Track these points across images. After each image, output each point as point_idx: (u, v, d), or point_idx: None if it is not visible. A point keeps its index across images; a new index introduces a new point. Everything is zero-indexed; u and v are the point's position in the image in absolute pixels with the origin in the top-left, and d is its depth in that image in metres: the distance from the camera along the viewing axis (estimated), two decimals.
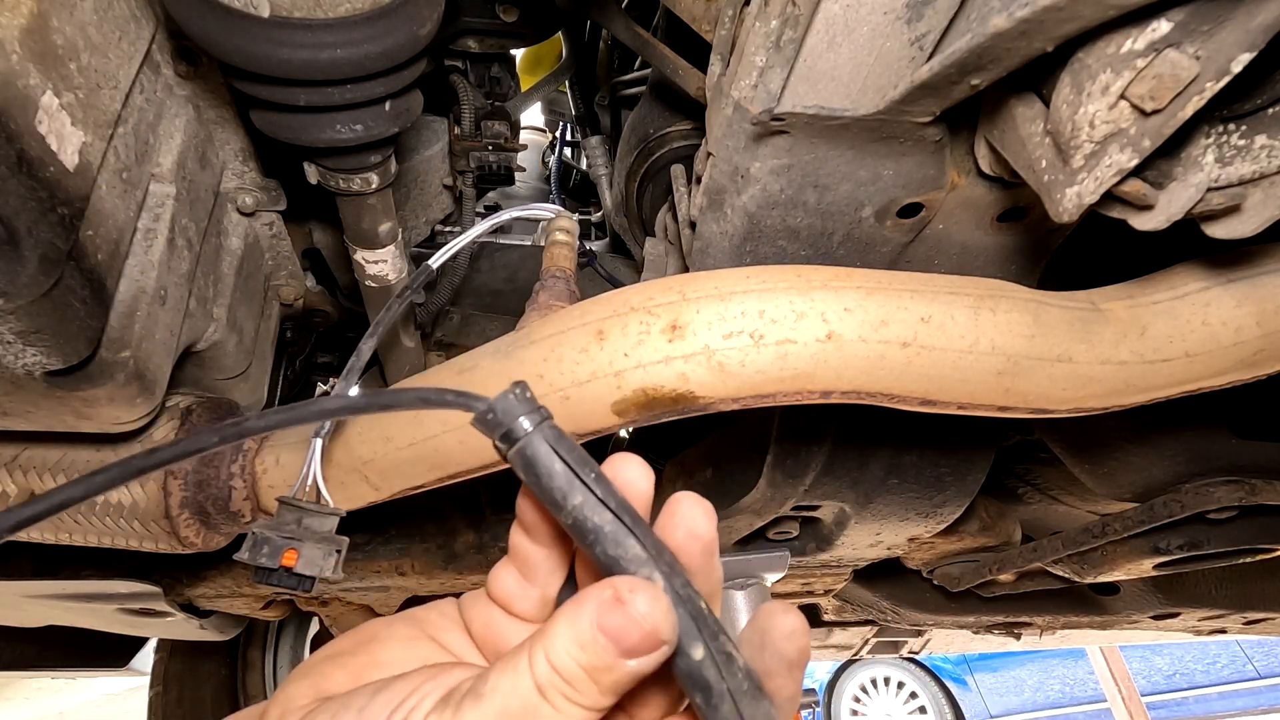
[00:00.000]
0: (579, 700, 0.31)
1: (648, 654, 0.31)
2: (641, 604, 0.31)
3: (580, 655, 0.31)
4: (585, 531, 0.33)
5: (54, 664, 1.49)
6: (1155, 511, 0.89)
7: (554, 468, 0.34)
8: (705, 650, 0.32)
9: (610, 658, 0.31)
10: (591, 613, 0.31)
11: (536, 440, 0.34)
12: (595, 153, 1.47)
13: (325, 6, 0.63)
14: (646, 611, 0.31)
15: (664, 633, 0.31)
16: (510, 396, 0.34)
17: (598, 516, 0.33)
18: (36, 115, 0.50)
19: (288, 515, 0.65)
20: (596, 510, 0.33)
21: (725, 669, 0.32)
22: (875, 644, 2.00)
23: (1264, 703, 5.31)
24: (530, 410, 0.34)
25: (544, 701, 0.31)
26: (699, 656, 0.32)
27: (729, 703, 0.32)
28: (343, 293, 1.16)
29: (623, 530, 0.33)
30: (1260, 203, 0.47)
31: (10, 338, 0.53)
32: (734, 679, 0.32)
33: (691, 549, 0.35)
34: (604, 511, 0.33)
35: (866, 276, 0.57)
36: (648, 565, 0.33)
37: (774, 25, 0.53)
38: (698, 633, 0.32)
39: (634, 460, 0.37)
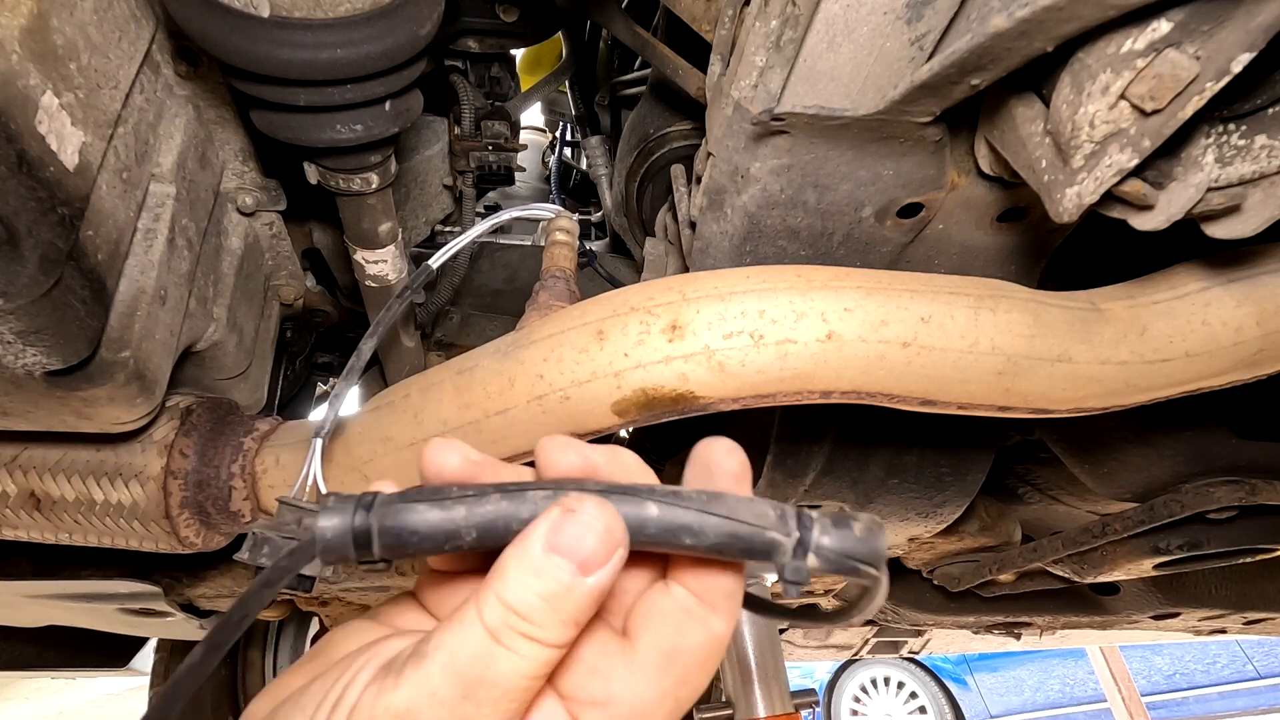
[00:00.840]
0: (539, 635, 0.29)
1: (606, 561, 0.30)
2: (591, 508, 0.30)
3: (537, 584, 0.29)
4: (491, 527, 0.32)
5: (54, 664, 1.49)
6: (1155, 511, 0.89)
7: (418, 511, 0.32)
8: (656, 505, 0.32)
9: (569, 576, 0.29)
10: (541, 536, 0.30)
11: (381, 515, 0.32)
12: (595, 153, 1.47)
13: (325, 6, 0.63)
14: (596, 512, 0.30)
15: (617, 531, 0.30)
16: (326, 509, 0.33)
17: (486, 506, 0.32)
18: (36, 115, 0.50)
19: (288, 515, 0.65)
20: (480, 503, 0.32)
21: (682, 503, 0.32)
22: (875, 644, 2.01)
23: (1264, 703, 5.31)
24: (353, 504, 0.32)
25: (498, 646, 0.29)
26: (656, 512, 0.32)
27: (709, 518, 0.32)
28: (343, 293, 1.16)
29: (514, 494, 0.32)
30: (1260, 203, 0.47)
31: (10, 338, 0.53)
32: (694, 501, 0.32)
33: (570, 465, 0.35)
34: (487, 498, 0.32)
35: (866, 276, 0.57)
36: (559, 492, 0.32)
37: (774, 25, 0.53)
38: (640, 498, 0.32)
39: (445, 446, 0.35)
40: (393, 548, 0.32)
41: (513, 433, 0.61)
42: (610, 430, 0.61)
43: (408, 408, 0.66)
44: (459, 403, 0.62)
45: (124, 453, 0.75)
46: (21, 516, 0.75)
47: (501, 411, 0.60)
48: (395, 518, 0.32)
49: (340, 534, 0.32)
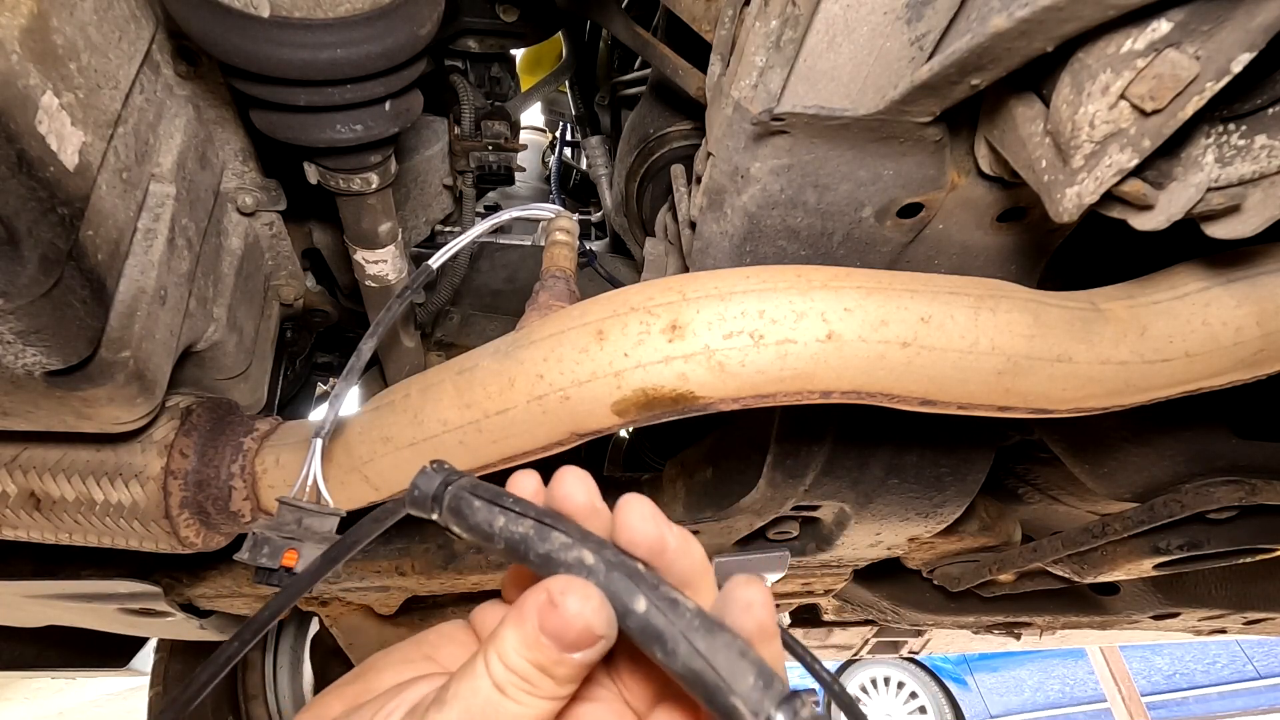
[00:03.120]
0: (538, 692, 0.34)
1: (591, 645, 0.33)
2: (573, 603, 0.33)
3: (529, 654, 0.33)
4: (515, 546, 0.36)
5: (54, 664, 1.49)
6: (1155, 511, 0.89)
7: (474, 506, 0.37)
8: (647, 601, 0.33)
9: (555, 653, 0.33)
10: (532, 616, 0.34)
11: (454, 494, 0.37)
12: (595, 153, 1.47)
13: (325, 6, 0.63)
14: (578, 610, 0.33)
15: (598, 627, 0.33)
16: (422, 475, 0.38)
17: (519, 527, 0.36)
18: (36, 115, 0.50)
19: (288, 515, 0.65)
20: (518, 521, 0.36)
21: (671, 613, 0.33)
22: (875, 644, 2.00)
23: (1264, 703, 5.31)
24: (445, 475, 0.38)
25: (505, 698, 0.33)
26: (642, 608, 0.33)
27: (684, 643, 0.32)
28: (343, 293, 1.16)
29: (543, 529, 0.35)
30: (1260, 203, 0.47)
31: (10, 338, 0.53)
32: (683, 619, 0.32)
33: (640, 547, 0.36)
34: (524, 520, 0.36)
35: (866, 276, 0.57)
36: (575, 548, 0.35)
37: (774, 25, 0.53)
38: (636, 589, 0.33)
39: (570, 472, 0.39)
40: (447, 522, 0.38)
41: (513, 432, 0.61)
42: (610, 430, 0.61)
43: (408, 408, 0.66)
44: (459, 403, 0.62)
45: (124, 453, 0.75)
46: (21, 516, 0.75)
47: (502, 411, 0.60)
48: (457, 500, 0.37)
49: (424, 496, 0.38)
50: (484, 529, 0.36)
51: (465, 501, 0.37)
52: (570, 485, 0.38)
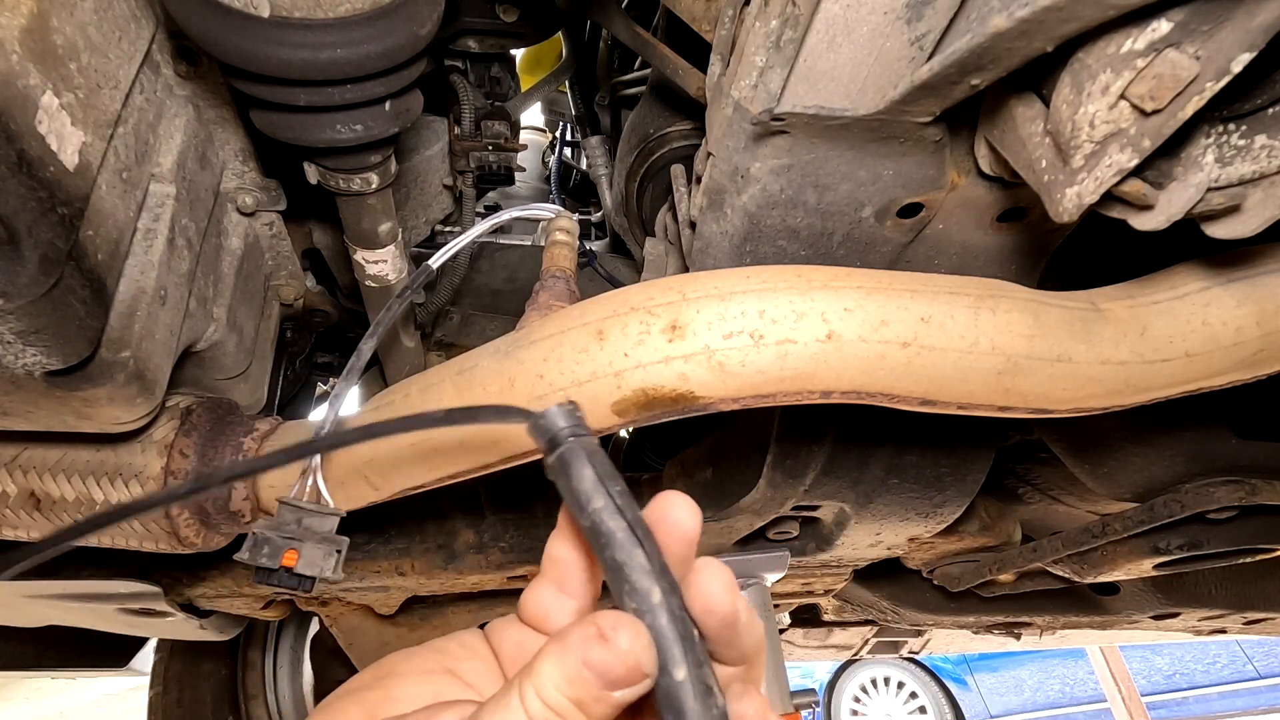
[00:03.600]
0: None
1: (632, 685, 0.32)
2: (624, 639, 0.32)
3: (569, 690, 0.32)
4: (599, 535, 0.35)
5: (54, 664, 1.49)
6: (1155, 511, 0.89)
7: (584, 473, 0.36)
8: (687, 675, 0.33)
9: (596, 690, 0.32)
10: (578, 649, 0.33)
11: (576, 448, 0.37)
12: (595, 153, 1.47)
13: (325, 6, 0.63)
14: (629, 647, 0.32)
15: (646, 665, 0.32)
16: (559, 410, 0.38)
17: (613, 523, 0.35)
18: (36, 115, 0.50)
19: (288, 515, 0.65)
20: (613, 517, 0.35)
21: (701, 700, 0.33)
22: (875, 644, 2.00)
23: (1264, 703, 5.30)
24: (575, 425, 0.38)
25: None
26: (680, 678, 0.33)
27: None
28: (343, 293, 1.16)
29: (633, 541, 0.35)
30: (1260, 203, 0.47)
31: (10, 338, 0.53)
32: (708, 713, 0.32)
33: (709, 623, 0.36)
34: (620, 520, 0.35)
35: (866, 276, 0.57)
36: (649, 577, 0.34)
37: (774, 25, 0.53)
38: (682, 657, 0.33)
39: (682, 500, 0.38)
40: (557, 467, 0.37)
41: (513, 432, 0.61)
42: (611, 430, 0.61)
43: (408, 408, 0.66)
44: (459, 402, 0.62)
45: (124, 453, 0.75)
46: (21, 516, 0.75)
47: None
48: (571, 456, 0.37)
49: (548, 430, 0.38)
50: (579, 500, 0.36)
51: (578, 463, 0.37)
52: (682, 513, 0.38)
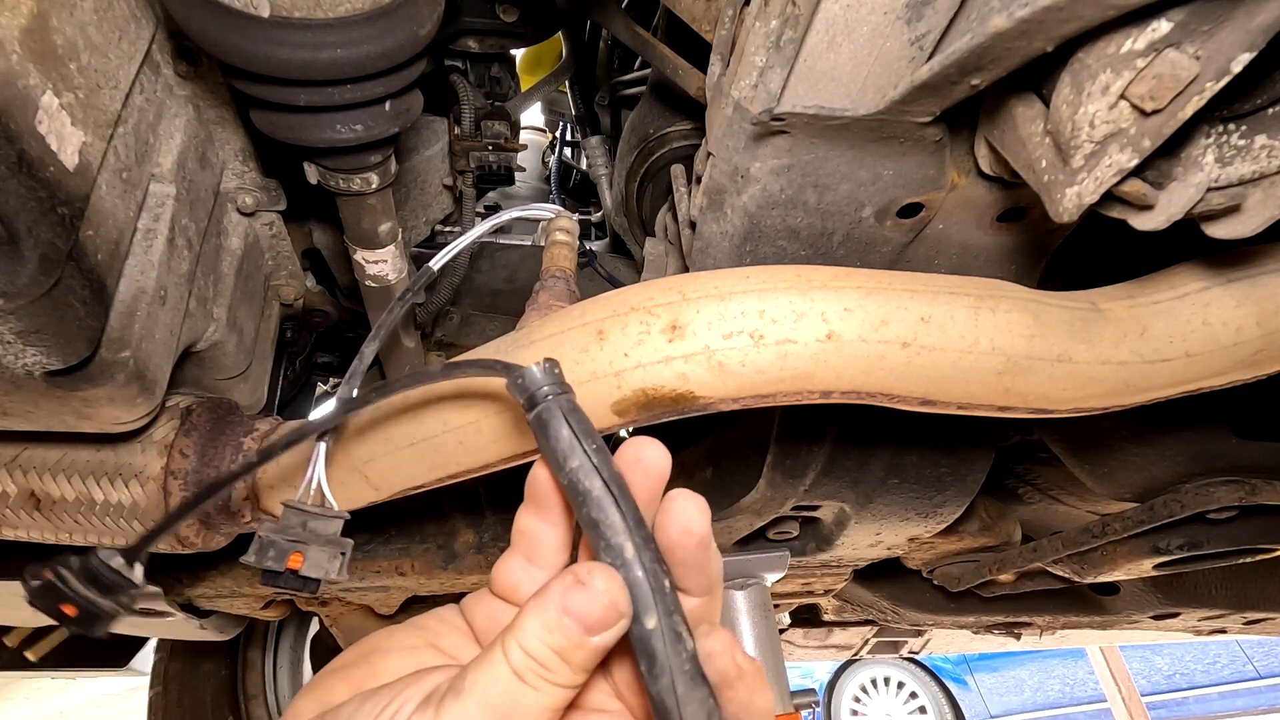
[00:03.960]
0: (555, 680, 0.34)
1: (609, 628, 0.34)
2: (599, 582, 0.34)
3: (549, 638, 0.34)
4: (577, 493, 0.37)
5: (54, 664, 1.49)
6: (1155, 511, 0.89)
7: (561, 432, 0.38)
8: (658, 623, 0.35)
9: (577, 635, 0.34)
10: (556, 598, 0.34)
11: (553, 407, 0.38)
12: (595, 153, 1.47)
13: (325, 6, 0.63)
14: (604, 588, 0.34)
15: (621, 605, 0.34)
16: (538, 368, 0.39)
17: (589, 481, 0.37)
18: (36, 115, 0.50)
19: (293, 518, 0.65)
20: (590, 475, 0.37)
21: (672, 645, 0.34)
22: (875, 644, 2.00)
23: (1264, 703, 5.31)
24: (553, 383, 0.39)
25: (524, 686, 0.34)
26: (651, 626, 0.35)
27: (668, 676, 0.34)
28: (343, 293, 1.16)
29: (609, 499, 0.36)
30: (1260, 203, 0.47)
31: (10, 338, 0.53)
32: (678, 657, 0.34)
33: (686, 544, 0.38)
34: (595, 478, 0.37)
35: (866, 276, 0.57)
36: (623, 534, 0.36)
37: (774, 25, 0.53)
38: (654, 605, 0.35)
39: (651, 442, 0.40)
40: (535, 424, 0.39)
41: (513, 432, 0.61)
42: (610, 430, 0.61)
43: (408, 408, 0.66)
44: (459, 402, 0.62)
45: (124, 453, 0.75)
46: (21, 516, 0.75)
47: (502, 411, 0.60)
48: (549, 414, 0.38)
49: (528, 388, 0.39)
50: (556, 458, 0.37)
51: (556, 421, 0.38)
52: (652, 453, 0.39)
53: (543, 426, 0.38)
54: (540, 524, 0.41)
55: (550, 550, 0.42)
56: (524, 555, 0.42)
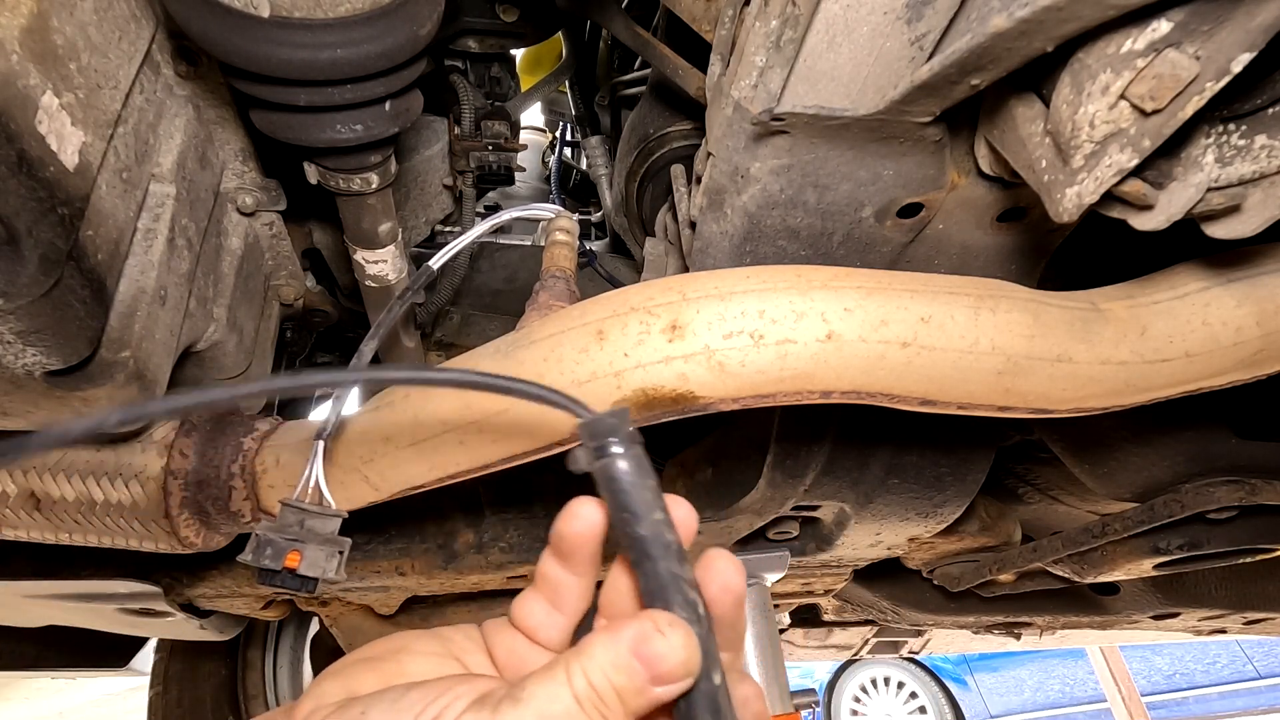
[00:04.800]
0: (607, 716, 0.35)
1: (675, 682, 0.35)
2: (677, 638, 0.35)
3: (615, 676, 0.34)
4: (645, 549, 0.37)
5: (54, 664, 1.49)
6: (1155, 511, 0.89)
7: (633, 487, 0.38)
8: (722, 679, 0.36)
9: (641, 682, 0.34)
10: (630, 639, 0.35)
11: (627, 461, 0.38)
12: (595, 153, 1.47)
13: (325, 6, 0.63)
14: (680, 645, 0.35)
15: (692, 665, 0.35)
16: (611, 416, 0.39)
17: (669, 536, 0.37)
18: (36, 115, 0.50)
19: (290, 517, 0.65)
20: (663, 532, 0.37)
21: (726, 701, 0.36)
22: (875, 644, 2.00)
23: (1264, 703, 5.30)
24: (626, 434, 0.39)
25: (580, 712, 0.34)
26: (717, 682, 0.36)
27: None
28: (343, 293, 1.16)
29: (680, 559, 0.37)
30: (1260, 203, 0.47)
31: (10, 338, 0.53)
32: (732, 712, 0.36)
33: (725, 600, 0.39)
34: (670, 536, 0.37)
35: (866, 276, 0.57)
36: (694, 592, 0.37)
37: (774, 25, 0.53)
38: (716, 664, 0.36)
39: (681, 502, 0.41)
40: (601, 475, 0.38)
41: (513, 432, 0.61)
42: None
43: (408, 408, 0.66)
44: (459, 403, 0.62)
45: (124, 453, 0.75)
46: (21, 516, 0.75)
47: (502, 411, 0.60)
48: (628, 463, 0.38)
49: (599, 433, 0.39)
50: (624, 511, 0.37)
51: (628, 476, 0.38)
52: (686, 516, 0.40)
53: (611, 478, 0.38)
54: (566, 574, 0.42)
55: (573, 598, 0.43)
56: (547, 598, 0.43)
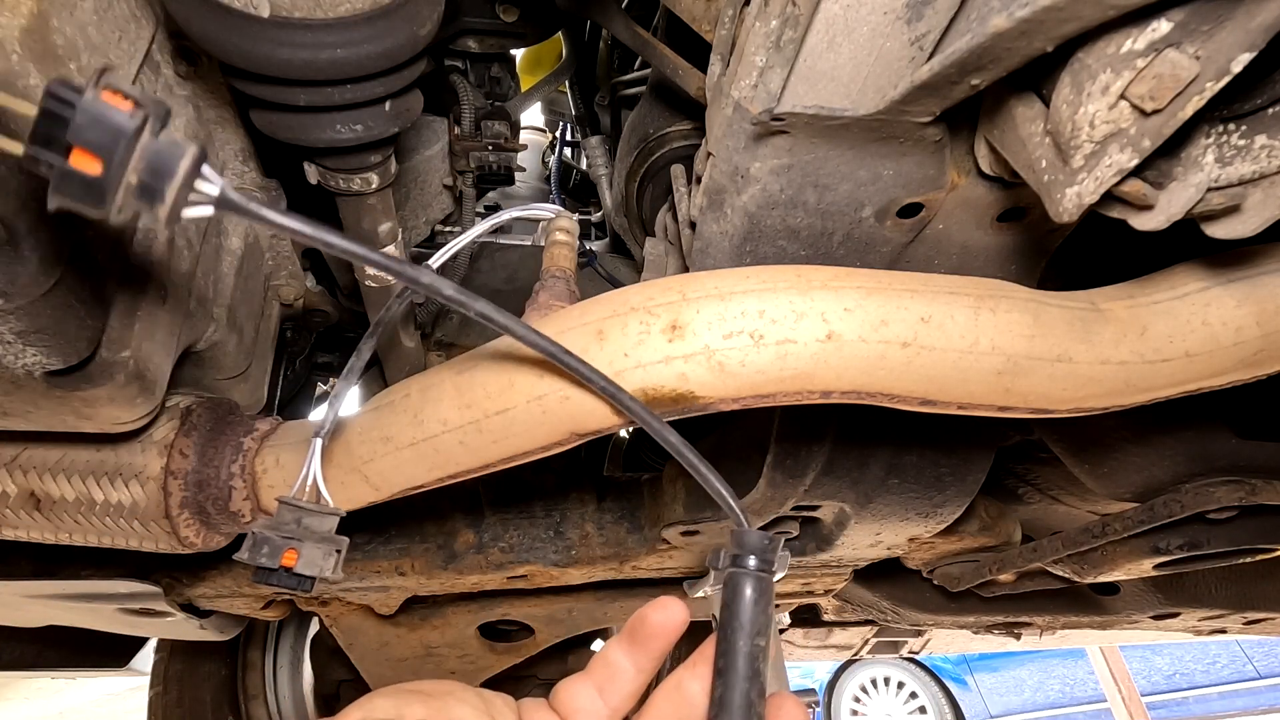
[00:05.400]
0: None
1: None
2: None
3: None
4: (748, 663, 0.39)
5: (54, 664, 1.49)
6: (1155, 511, 0.89)
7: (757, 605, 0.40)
8: None
9: None
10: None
11: (763, 581, 0.40)
12: (595, 153, 1.47)
13: (325, 6, 0.63)
14: None
15: None
16: (764, 538, 0.41)
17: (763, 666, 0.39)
18: None
19: (287, 515, 0.65)
20: (764, 662, 0.39)
21: None
22: (875, 644, 2.01)
23: (1264, 703, 5.30)
24: (771, 556, 0.41)
25: None
26: None
27: None
28: (343, 293, 1.16)
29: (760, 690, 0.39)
30: (1260, 203, 0.47)
31: (10, 338, 0.53)
32: None
33: None
34: (763, 666, 0.39)
35: (866, 276, 0.57)
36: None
37: (774, 25, 0.53)
38: None
39: (797, 702, 0.43)
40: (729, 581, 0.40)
41: (513, 432, 0.61)
42: (610, 430, 0.61)
43: (408, 408, 0.66)
44: (459, 403, 0.62)
45: (124, 453, 0.75)
46: (21, 516, 0.75)
47: (502, 411, 0.60)
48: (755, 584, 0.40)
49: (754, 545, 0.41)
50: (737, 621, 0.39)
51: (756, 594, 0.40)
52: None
53: (739, 589, 0.40)
54: (628, 662, 0.43)
55: (626, 691, 0.43)
56: (597, 685, 0.43)
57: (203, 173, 0.38)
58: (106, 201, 0.36)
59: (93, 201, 0.36)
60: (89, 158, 0.35)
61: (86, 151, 0.35)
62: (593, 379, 0.46)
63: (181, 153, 0.37)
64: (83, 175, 0.35)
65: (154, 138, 0.36)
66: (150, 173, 0.36)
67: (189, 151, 0.37)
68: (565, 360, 0.46)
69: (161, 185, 0.36)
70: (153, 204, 0.37)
